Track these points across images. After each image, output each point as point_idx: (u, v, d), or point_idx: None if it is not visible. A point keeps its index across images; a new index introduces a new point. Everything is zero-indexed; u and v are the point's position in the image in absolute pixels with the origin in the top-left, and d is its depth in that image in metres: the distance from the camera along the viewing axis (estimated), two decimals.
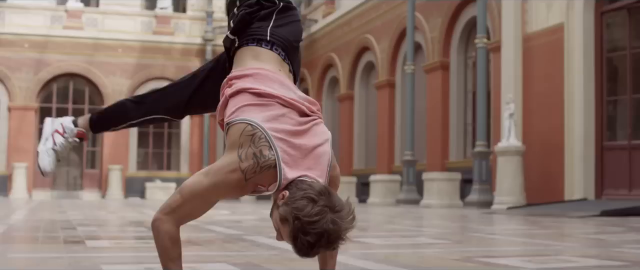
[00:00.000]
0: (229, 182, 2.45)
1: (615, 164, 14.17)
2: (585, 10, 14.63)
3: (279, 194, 2.42)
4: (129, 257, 4.47)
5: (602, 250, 4.97)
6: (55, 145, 3.09)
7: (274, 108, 2.56)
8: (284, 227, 2.35)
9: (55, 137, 3.09)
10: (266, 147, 2.44)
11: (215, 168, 2.48)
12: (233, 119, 2.54)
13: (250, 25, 2.77)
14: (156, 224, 2.50)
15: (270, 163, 2.43)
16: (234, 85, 2.64)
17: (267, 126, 2.48)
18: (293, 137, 2.49)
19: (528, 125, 15.79)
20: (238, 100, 2.59)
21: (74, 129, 3.10)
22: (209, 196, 2.49)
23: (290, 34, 2.80)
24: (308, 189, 2.34)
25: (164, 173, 29.08)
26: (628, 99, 14.23)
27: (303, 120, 2.57)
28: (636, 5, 14.19)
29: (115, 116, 3.08)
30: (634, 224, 8.94)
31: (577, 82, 14.61)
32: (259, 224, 8.72)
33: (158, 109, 3.00)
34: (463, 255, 4.70)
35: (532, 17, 15.98)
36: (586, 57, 14.55)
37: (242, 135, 2.47)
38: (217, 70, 2.94)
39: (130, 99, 3.07)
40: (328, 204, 2.31)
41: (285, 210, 2.33)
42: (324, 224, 2.28)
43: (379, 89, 23.20)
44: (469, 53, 19.44)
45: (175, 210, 2.49)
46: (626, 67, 14.33)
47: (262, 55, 2.73)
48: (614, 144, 14.41)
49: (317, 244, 2.30)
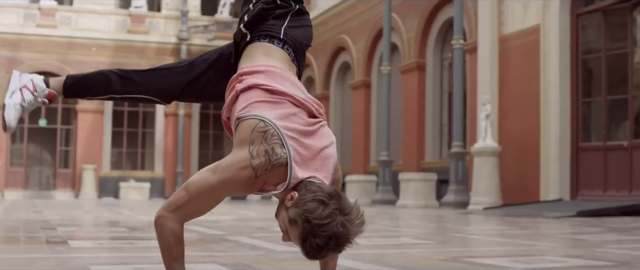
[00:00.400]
0: (238, 180, 2.41)
1: (590, 164, 14.30)
2: (561, 12, 14.75)
3: (287, 195, 2.39)
4: (115, 258, 4.44)
5: (585, 251, 5.02)
6: (24, 101, 2.93)
7: (285, 106, 2.53)
8: (293, 229, 2.33)
9: (25, 93, 2.93)
10: (278, 144, 2.41)
11: (224, 164, 2.43)
12: (244, 114, 2.50)
13: (265, 22, 2.75)
14: (160, 221, 2.46)
15: (281, 161, 2.40)
16: (245, 81, 2.60)
17: (279, 124, 2.45)
18: (303, 137, 2.47)
19: (504, 126, 15.89)
20: (249, 95, 2.55)
21: (44, 89, 2.94)
22: (216, 193, 2.45)
23: (302, 36, 2.80)
24: (318, 191, 2.33)
25: (138, 173, 28.90)
26: (603, 101, 14.36)
27: (312, 121, 2.55)
28: (611, 8, 14.33)
29: (95, 85, 2.93)
30: (610, 224, 9.03)
31: (553, 83, 14.73)
32: (238, 224, 8.70)
33: (148, 90, 2.90)
34: (449, 255, 4.72)
35: (509, 19, 16.09)
36: (562, 59, 14.68)
37: (254, 131, 2.43)
38: (219, 63, 2.88)
39: (115, 72, 2.94)
40: (338, 206, 2.30)
41: (295, 212, 2.31)
42: (334, 227, 2.27)
43: (355, 90, 23.24)
44: (445, 54, 19.53)
45: (180, 208, 2.45)
46: (601, 68, 14.47)
47: (274, 53, 2.71)
48: (589, 145, 14.55)
49: (325, 246, 2.29)
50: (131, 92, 2.91)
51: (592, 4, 14.77)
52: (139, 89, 2.90)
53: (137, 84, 2.89)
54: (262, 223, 8.96)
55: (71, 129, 28.80)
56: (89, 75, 2.99)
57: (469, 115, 17.22)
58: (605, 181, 13.94)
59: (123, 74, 2.92)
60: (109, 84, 2.91)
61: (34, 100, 2.95)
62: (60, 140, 28.83)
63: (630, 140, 13.68)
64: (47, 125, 28.30)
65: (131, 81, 2.90)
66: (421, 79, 19.69)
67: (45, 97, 2.96)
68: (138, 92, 2.91)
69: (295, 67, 2.77)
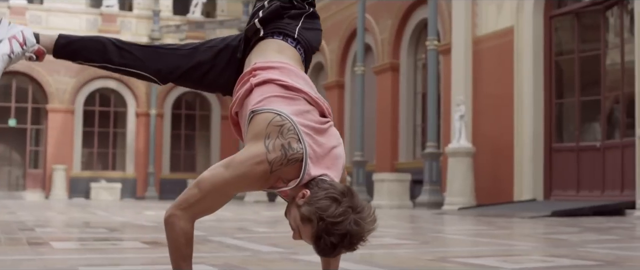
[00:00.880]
0: (253, 175, 2.38)
1: (564, 165, 14.43)
2: (535, 14, 14.87)
3: (298, 192, 2.37)
4: (103, 259, 4.40)
5: (569, 250, 5.06)
6: (12, 53, 2.80)
7: (300, 103, 2.52)
8: (306, 227, 2.31)
9: (13, 44, 2.81)
10: (295, 139, 2.39)
11: (239, 159, 2.39)
12: (260, 108, 2.47)
13: (280, 20, 2.73)
14: (171, 220, 2.41)
15: (297, 157, 2.38)
16: (260, 75, 2.57)
17: (296, 119, 2.43)
18: (316, 135, 2.45)
19: (478, 126, 15.99)
20: (265, 90, 2.53)
21: (34, 44, 2.81)
22: (229, 189, 2.41)
23: (313, 39, 2.79)
24: (330, 189, 2.31)
25: (109, 173, 28.69)
26: (576, 102, 14.50)
27: (324, 119, 2.54)
28: (584, 10, 14.48)
29: (90, 51, 2.82)
30: (586, 224, 9.12)
31: (527, 84, 14.84)
32: (217, 225, 8.65)
33: (146, 67, 2.80)
34: (436, 255, 4.74)
35: (482, 20, 16.19)
36: (535, 60, 14.80)
37: (270, 125, 2.41)
38: (225, 53, 2.82)
39: (113, 42, 2.82)
40: (351, 204, 2.29)
41: (309, 210, 2.29)
42: (348, 225, 2.26)
43: (328, 90, 23.24)
44: (419, 55, 19.61)
45: (192, 205, 2.40)
46: (574, 70, 14.60)
47: (287, 51, 2.70)
48: (562, 145, 14.68)
49: (339, 244, 2.28)
50: (128, 66, 2.81)
51: (565, 6, 14.91)
52: (137, 64, 2.81)
53: (136, 59, 2.80)
54: (240, 224, 8.93)
55: (41, 129, 28.53)
56: (83, 39, 2.87)
57: (443, 116, 17.31)
58: (578, 181, 14.07)
59: (122, 45, 2.82)
60: (105, 52, 2.81)
61: (21, 53, 2.82)
62: (30, 140, 28.54)
63: (602, 141, 13.82)
64: (16, 125, 28.00)
65: (130, 55, 2.80)
66: (395, 79, 19.76)
67: (34, 53, 2.83)
68: (135, 67, 2.82)
69: (303, 67, 2.76)
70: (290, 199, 2.42)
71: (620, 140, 13.44)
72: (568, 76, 15.05)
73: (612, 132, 14.04)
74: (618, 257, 4.69)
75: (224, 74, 2.80)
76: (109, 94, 29.09)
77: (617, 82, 13.87)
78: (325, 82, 23.49)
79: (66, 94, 27.85)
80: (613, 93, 14.03)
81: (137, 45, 2.86)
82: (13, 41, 2.81)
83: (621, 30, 13.76)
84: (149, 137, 28.44)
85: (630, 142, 12.89)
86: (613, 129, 14.09)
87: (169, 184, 28.53)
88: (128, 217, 10.88)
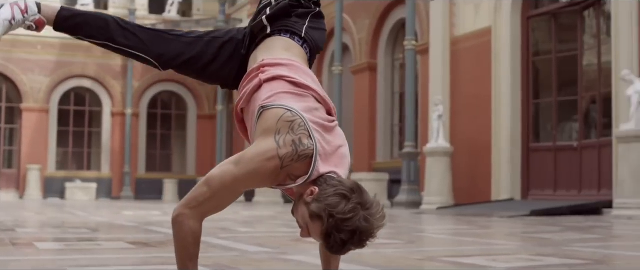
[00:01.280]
0: (264, 170, 2.36)
1: (541, 165, 14.54)
2: (512, 15, 14.97)
3: (306, 189, 2.35)
4: (91, 260, 4.36)
5: (555, 249, 5.09)
6: (13, 19, 2.75)
7: (309, 100, 2.51)
8: (315, 224, 2.30)
9: (15, 10, 2.75)
10: (306, 135, 2.37)
11: (249, 155, 2.37)
12: (270, 104, 2.45)
13: (288, 18, 2.72)
14: (180, 219, 2.38)
15: (308, 153, 2.36)
16: (269, 72, 2.56)
17: (306, 116, 2.42)
18: (325, 132, 2.45)
19: (455, 126, 16.06)
20: (274, 86, 2.51)
21: (36, 13, 2.77)
22: (239, 186, 2.39)
23: (319, 39, 2.79)
24: (339, 186, 2.30)
25: (84, 173, 28.47)
26: (553, 102, 14.61)
27: (330, 118, 2.54)
28: (561, 11, 14.59)
29: (92, 27, 2.77)
30: (565, 223, 9.19)
31: (504, 84, 14.93)
32: None
33: (149, 50, 2.78)
34: (425, 255, 4.75)
35: (460, 20, 16.26)
36: (513, 61, 14.89)
37: (281, 120, 2.39)
38: (229, 46, 2.80)
39: (117, 21, 2.79)
40: (360, 201, 2.28)
41: (318, 206, 2.28)
42: (357, 222, 2.25)
43: None
44: (397, 55, 19.66)
45: (202, 204, 2.38)
46: (551, 70, 14.71)
47: (294, 49, 2.69)
48: (540, 145, 14.78)
49: (350, 241, 2.27)
50: (131, 48, 2.78)
51: (543, 6, 15.02)
52: (140, 47, 2.78)
53: (139, 41, 2.78)
54: (221, 224, 8.89)
55: (15, 129, 28.25)
56: (86, 14, 2.83)
57: (421, 116, 17.36)
58: (555, 181, 14.18)
59: (126, 25, 2.79)
60: (108, 31, 2.77)
61: (22, 21, 2.77)
62: (4, 140, 28.26)
63: (580, 141, 13.94)
64: None
65: (134, 36, 2.77)
66: (373, 79, 19.79)
67: (34, 22, 2.79)
68: (138, 50, 2.78)
69: (308, 66, 2.76)
70: (298, 196, 2.40)
71: (597, 140, 13.56)
72: (545, 76, 15.16)
73: (589, 132, 14.16)
74: (605, 256, 4.73)
75: (225, 67, 2.79)
76: (84, 93, 28.87)
77: (593, 82, 13.99)
78: None
79: (41, 93, 27.60)
80: (590, 93, 14.16)
81: (141, 27, 2.83)
82: (15, 7, 2.77)
83: (598, 31, 13.89)
84: (125, 136, 28.26)
85: (607, 142, 13.01)
86: (590, 129, 14.21)
87: (145, 184, 28.39)
88: (107, 217, 10.81)
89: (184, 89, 29.57)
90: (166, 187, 27.83)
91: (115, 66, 28.42)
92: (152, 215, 11.30)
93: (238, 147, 27.71)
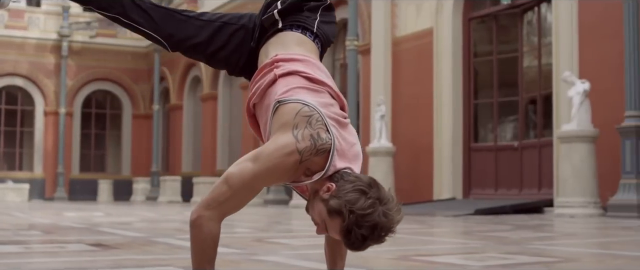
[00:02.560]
0: (284, 165, 2.32)
1: (482, 164, 14.76)
2: (454, 16, 15.16)
3: (322, 186, 2.33)
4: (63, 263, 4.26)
5: (520, 247, 5.16)
6: None
7: (325, 96, 2.50)
8: (334, 220, 2.27)
9: None
10: (323, 130, 2.35)
11: (267, 151, 2.33)
12: (286, 98, 2.42)
13: (300, 12, 2.69)
14: (199, 221, 2.33)
15: (326, 147, 2.34)
16: (283, 67, 2.53)
17: (323, 111, 2.40)
18: (340, 128, 2.43)
19: (397, 127, 16.19)
20: (290, 80, 2.49)
21: None
22: (259, 183, 2.35)
23: (330, 32, 2.76)
24: (357, 181, 2.28)
25: (16, 174, 27.78)
26: (494, 102, 14.85)
27: (345, 114, 2.53)
28: (501, 13, 14.84)
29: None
30: (512, 221, 9.34)
31: (446, 85, 15.12)
32: (150, 225, 8.50)
33: (160, 29, 2.74)
34: (395, 254, 4.76)
35: (402, 21, 16.40)
36: (454, 61, 15.09)
37: (298, 115, 2.36)
38: (238, 34, 2.75)
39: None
40: (378, 196, 2.27)
41: (337, 202, 2.25)
42: (377, 217, 2.24)
43: (245, 89, 23.11)
44: (337, 55, 19.71)
45: (221, 204, 2.33)
46: (492, 71, 14.95)
47: (306, 44, 2.66)
48: (481, 145, 15.01)
49: (370, 236, 2.25)
50: (142, 25, 2.74)
51: (484, 8, 15.24)
52: (151, 25, 2.74)
53: (151, 19, 2.73)
54: (172, 224, 8.80)
55: None
56: None
57: (363, 116, 17.44)
58: (496, 180, 14.42)
59: (139, 2, 2.74)
60: (120, 4, 2.72)
61: None
62: None
63: (520, 141, 14.19)
64: None
65: (146, 14, 2.73)
66: None
67: None
68: (148, 28, 2.74)
69: None
70: (313, 193, 2.38)
71: (537, 140, 13.82)
72: (486, 77, 15.40)
73: (529, 133, 14.43)
74: (571, 254, 4.82)
75: (234, 54, 2.76)
76: (16, 92, 28.19)
77: (534, 83, 14.26)
78: (242, 81, 23.33)
79: None
80: (530, 94, 14.42)
81: (154, 4, 2.78)
82: None
83: (539, 33, 14.16)
84: (58, 136, 27.69)
85: (547, 142, 13.28)
86: (530, 130, 14.48)
87: (79, 185, 27.88)
88: (50, 218, 10.57)
89: (119, 88, 29.15)
90: (101, 188, 27.38)
91: (48, 64, 27.84)
92: (96, 217, 11.09)
93: (176, 148, 27.46)
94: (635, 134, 10.53)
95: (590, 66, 12.20)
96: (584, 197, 11.15)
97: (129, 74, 28.95)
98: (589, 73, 11.96)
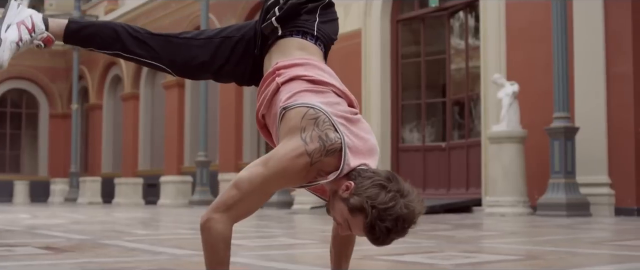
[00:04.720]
0: (295, 168, 2.31)
1: (410, 164, 14.94)
2: (382, 18, 15.30)
3: (340, 185, 2.32)
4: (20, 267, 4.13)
5: (475, 246, 5.25)
6: (21, 41, 2.65)
7: (329, 95, 2.48)
8: (357, 218, 2.27)
9: (22, 31, 2.66)
10: (331, 130, 2.34)
11: (277, 155, 2.33)
12: (291, 103, 2.42)
13: (298, 17, 2.68)
14: (209, 224, 2.30)
15: (336, 147, 2.33)
16: (285, 74, 2.53)
17: (328, 110, 2.38)
18: (350, 124, 2.42)
19: None
20: (292, 86, 2.48)
21: (43, 31, 2.69)
22: (269, 187, 2.34)
23: (332, 31, 2.76)
24: (375, 176, 2.28)
25: None
26: (422, 104, 15.05)
27: (353, 110, 2.52)
28: (430, 15, 15.04)
29: (103, 38, 2.73)
30: (448, 221, 9.47)
31: (374, 86, 15.25)
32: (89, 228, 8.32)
33: (160, 57, 2.73)
34: (359, 254, 4.76)
35: None
36: (383, 63, 15.23)
37: (304, 118, 2.36)
38: (240, 46, 2.75)
39: (126, 30, 2.73)
40: (398, 189, 2.27)
41: (359, 199, 2.25)
42: (399, 210, 2.24)
43: (168, 89, 22.86)
44: None
45: (231, 207, 2.31)
46: (420, 73, 15.15)
47: (308, 48, 2.65)
48: (409, 145, 15.19)
49: (394, 229, 2.25)
50: (143, 57, 2.74)
51: (412, 10, 15.43)
52: (152, 55, 2.73)
53: (150, 49, 2.73)
54: (112, 226, 8.63)
55: None
56: (96, 24, 2.77)
57: None
58: (424, 180, 14.61)
59: (136, 34, 2.73)
60: (119, 41, 2.72)
61: (30, 41, 2.68)
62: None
63: (448, 142, 14.42)
64: None
65: (145, 45, 2.72)
66: None
67: (42, 41, 2.70)
68: (150, 58, 2.74)
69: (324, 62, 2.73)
70: (332, 193, 2.37)
71: (465, 140, 14.07)
72: (414, 79, 15.59)
73: (456, 133, 14.68)
74: (529, 251, 4.92)
75: (239, 66, 2.75)
76: None
77: (461, 85, 14.51)
78: (164, 80, 23.06)
79: None
80: (457, 96, 14.67)
81: (150, 33, 2.76)
82: (22, 27, 2.66)
83: (466, 36, 14.41)
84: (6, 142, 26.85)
85: (474, 143, 13.53)
86: (457, 130, 14.73)
87: None
88: None
89: (35, 87, 28.43)
90: (17, 189, 26.62)
91: (24, 70, 27.00)
92: (24, 219, 10.78)
93: (95, 148, 26.94)
94: (563, 134, 10.82)
95: (518, 69, 12.48)
96: (514, 197, 11.40)
97: (46, 73, 28.24)
98: (517, 75, 12.25)
